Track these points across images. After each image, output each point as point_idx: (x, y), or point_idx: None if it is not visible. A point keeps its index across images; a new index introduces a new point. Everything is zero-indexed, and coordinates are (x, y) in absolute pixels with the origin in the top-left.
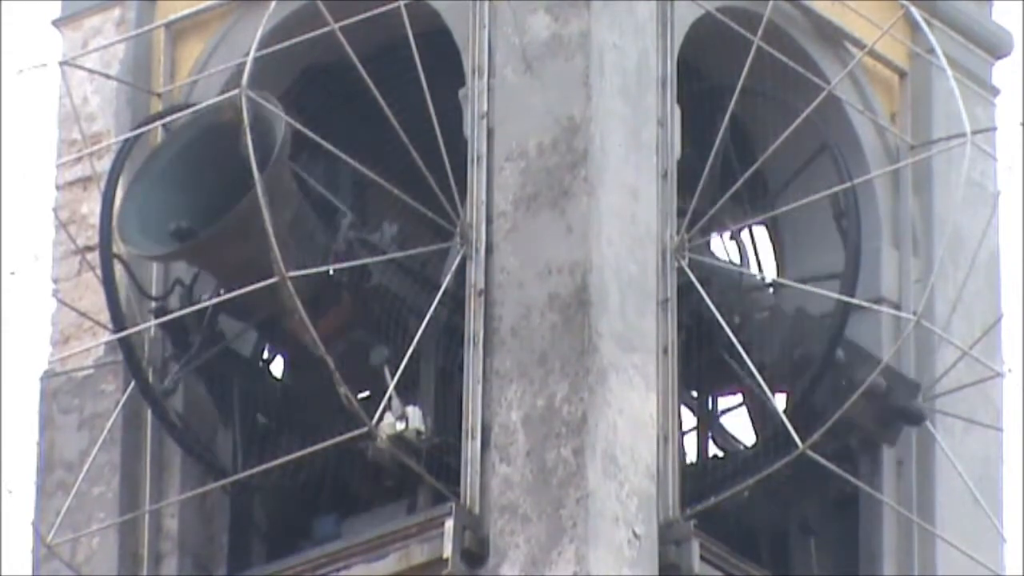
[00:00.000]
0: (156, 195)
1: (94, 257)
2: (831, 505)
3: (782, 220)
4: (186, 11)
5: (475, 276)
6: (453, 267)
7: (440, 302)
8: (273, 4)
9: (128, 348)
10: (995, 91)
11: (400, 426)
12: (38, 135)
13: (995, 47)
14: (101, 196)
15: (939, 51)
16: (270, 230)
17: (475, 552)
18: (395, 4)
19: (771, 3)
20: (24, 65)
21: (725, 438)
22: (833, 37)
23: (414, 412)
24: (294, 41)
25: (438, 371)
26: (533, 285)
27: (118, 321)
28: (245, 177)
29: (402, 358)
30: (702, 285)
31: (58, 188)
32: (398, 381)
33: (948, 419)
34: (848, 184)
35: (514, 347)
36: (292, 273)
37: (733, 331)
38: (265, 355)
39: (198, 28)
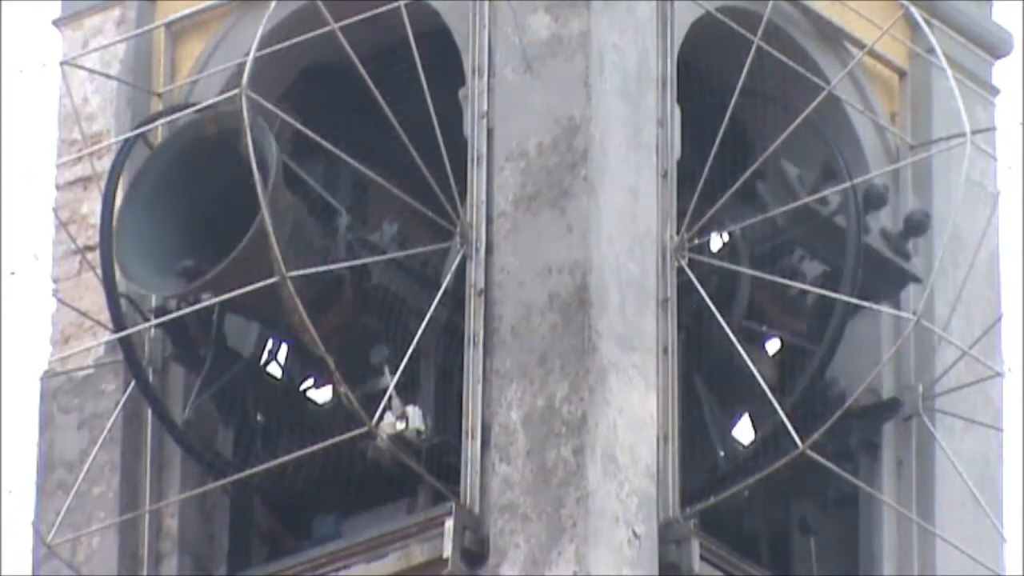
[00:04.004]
0: (150, 224)
1: (94, 257)
2: (831, 505)
3: None
4: (186, 11)
5: (475, 276)
6: (453, 267)
7: (440, 302)
8: (273, 4)
9: (128, 348)
10: (995, 91)
11: (400, 426)
12: (38, 135)
13: (995, 47)
14: (101, 196)
15: (939, 51)
16: (270, 230)
17: (475, 552)
18: (395, 4)
19: (771, 3)
20: (24, 65)
21: (725, 438)
22: (833, 37)
23: (414, 412)
24: (294, 41)
25: (438, 371)
26: (533, 285)
27: (118, 321)
28: (239, 192)
29: (402, 358)
30: (702, 285)
31: (58, 188)
32: (398, 381)
33: (948, 419)
34: (848, 184)
35: (514, 347)
36: (292, 273)
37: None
38: (265, 355)
39: (198, 28)
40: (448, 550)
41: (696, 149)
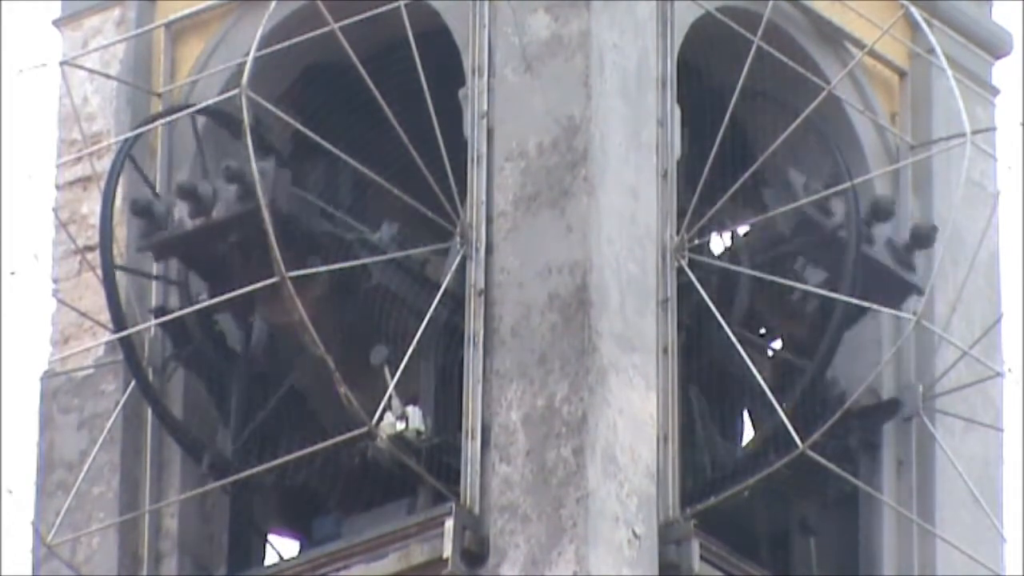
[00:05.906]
0: None
1: (94, 257)
2: (831, 505)
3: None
4: (186, 11)
5: (475, 276)
6: (453, 267)
7: (440, 302)
8: (273, 4)
9: (128, 348)
10: (995, 91)
11: (400, 426)
12: (38, 135)
13: (995, 47)
14: (101, 196)
15: (939, 51)
16: (270, 229)
17: (475, 552)
18: (395, 4)
19: (771, 3)
20: (24, 65)
21: (725, 437)
22: (833, 37)
23: (414, 412)
24: (294, 41)
25: (438, 371)
26: (533, 285)
27: (118, 321)
28: None
29: (402, 358)
30: (702, 285)
31: (58, 188)
32: (398, 381)
33: (948, 419)
34: (848, 184)
35: (514, 347)
36: (292, 273)
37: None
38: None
39: (198, 28)
40: (448, 550)
41: (696, 149)
